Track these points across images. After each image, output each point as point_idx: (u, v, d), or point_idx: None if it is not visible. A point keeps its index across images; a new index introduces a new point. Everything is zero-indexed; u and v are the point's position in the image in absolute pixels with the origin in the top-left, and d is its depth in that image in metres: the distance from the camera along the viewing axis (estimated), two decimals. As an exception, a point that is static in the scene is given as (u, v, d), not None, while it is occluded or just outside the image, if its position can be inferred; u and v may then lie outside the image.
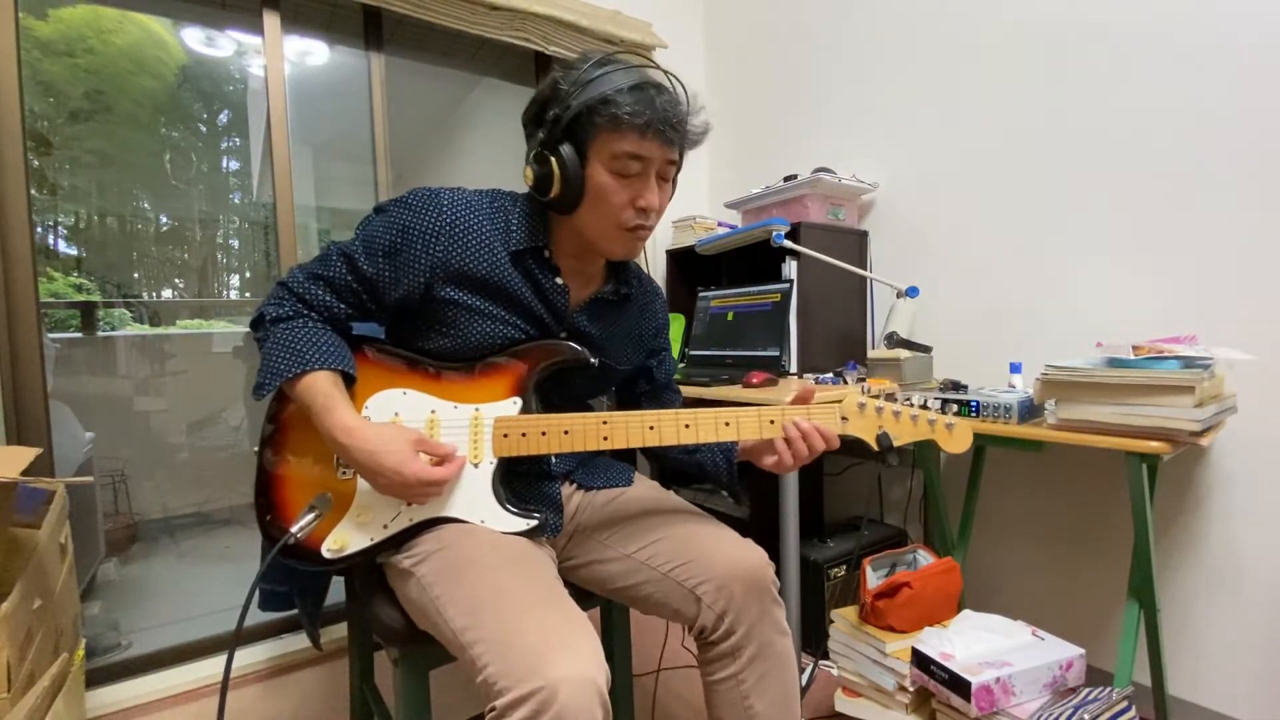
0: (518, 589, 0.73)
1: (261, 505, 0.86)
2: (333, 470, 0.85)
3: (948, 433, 0.88)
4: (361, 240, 0.86)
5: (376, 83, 1.87)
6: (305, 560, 0.83)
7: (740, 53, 2.30)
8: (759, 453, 0.91)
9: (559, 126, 0.80)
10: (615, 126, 0.79)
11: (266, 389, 0.81)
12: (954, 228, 1.69)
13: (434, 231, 0.84)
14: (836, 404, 0.88)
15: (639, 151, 0.81)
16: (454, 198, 0.86)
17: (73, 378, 1.92)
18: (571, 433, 0.85)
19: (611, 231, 0.85)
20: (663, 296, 1.09)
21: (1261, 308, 1.22)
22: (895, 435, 0.87)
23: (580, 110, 0.79)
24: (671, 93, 0.83)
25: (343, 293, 0.86)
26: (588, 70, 0.80)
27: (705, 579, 0.85)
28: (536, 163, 0.83)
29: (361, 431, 0.78)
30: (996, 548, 1.65)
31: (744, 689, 0.85)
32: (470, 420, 0.86)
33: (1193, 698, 1.33)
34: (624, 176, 0.82)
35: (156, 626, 1.73)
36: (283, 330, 0.82)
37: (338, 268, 0.85)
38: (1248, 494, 1.26)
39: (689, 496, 1.56)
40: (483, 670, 0.65)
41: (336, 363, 0.82)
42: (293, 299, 0.85)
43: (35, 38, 1.76)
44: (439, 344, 0.87)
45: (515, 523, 0.85)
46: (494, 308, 0.87)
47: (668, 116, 0.80)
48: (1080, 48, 1.43)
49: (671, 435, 0.85)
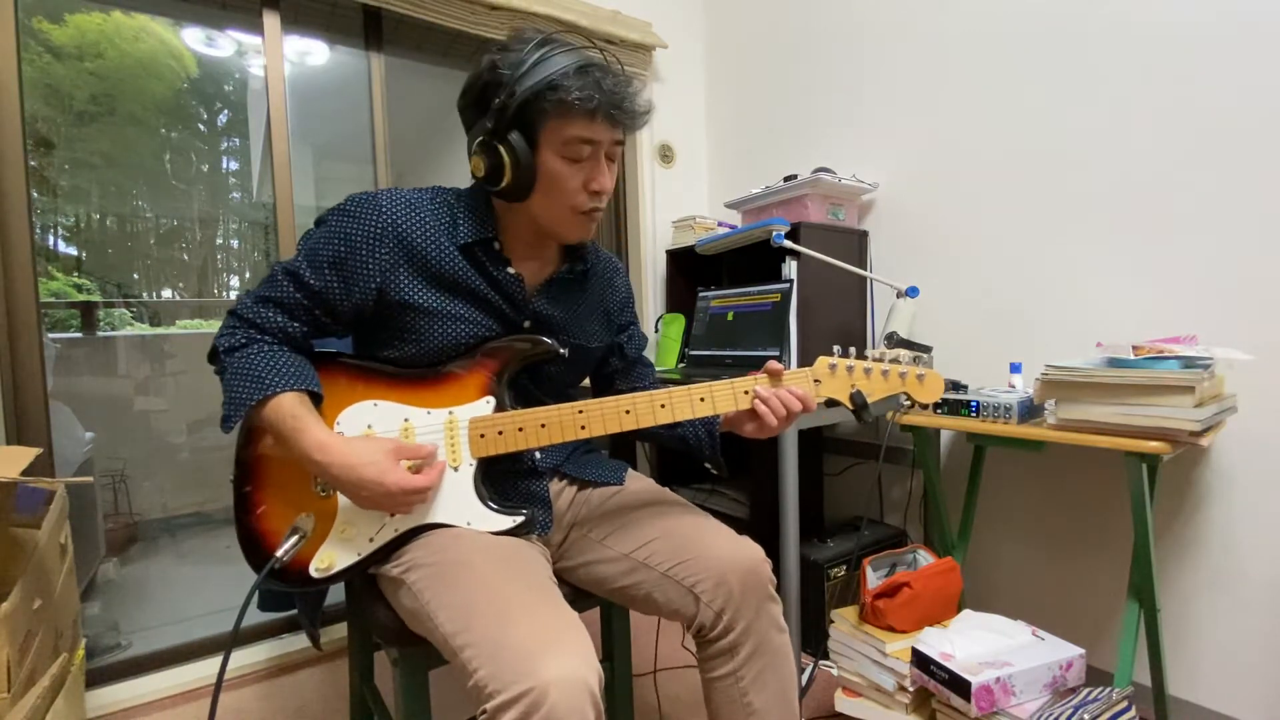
0: (507, 590, 0.73)
1: (243, 535, 0.85)
2: (311, 490, 0.84)
3: (919, 384, 0.89)
4: (305, 255, 0.84)
5: (376, 83, 1.87)
6: (295, 583, 0.83)
7: (740, 53, 2.30)
8: (739, 422, 0.91)
9: (505, 115, 0.79)
10: (565, 111, 0.78)
11: (233, 420, 0.80)
12: (954, 228, 1.69)
13: (378, 234, 0.83)
14: (808, 369, 0.89)
15: (589, 135, 0.80)
16: (393, 198, 0.85)
17: (73, 378, 1.93)
18: (548, 426, 0.84)
19: (566, 215, 0.85)
20: (623, 270, 1.09)
21: (1261, 308, 1.21)
22: (869, 392, 0.89)
23: (527, 96, 0.77)
24: (615, 73, 0.82)
25: (294, 311, 0.85)
26: (527, 53, 0.78)
27: (703, 576, 0.85)
28: (485, 152, 0.82)
29: (337, 447, 0.77)
30: (996, 548, 1.65)
31: (742, 685, 0.85)
32: (445, 424, 0.85)
33: (1193, 698, 1.33)
34: (575, 161, 0.82)
35: (156, 626, 1.74)
36: (238, 359, 0.81)
37: (285, 287, 0.84)
38: (1248, 494, 1.25)
39: (687, 495, 1.56)
40: (474, 673, 0.65)
41: (299, 383, 0.80)
42: (244, 326, 0.84)
43: (48, 41, 1.77)
44: (404, 351, 0.86)
45: (501, 521, 0.85)
46: (451, 306, 0.86)
47: (616, 99, 0.80)
48: (1081, 47, 1.43)
49: (648, 417, 0.85)
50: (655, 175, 2.30)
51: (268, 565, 0.79)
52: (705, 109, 2.44)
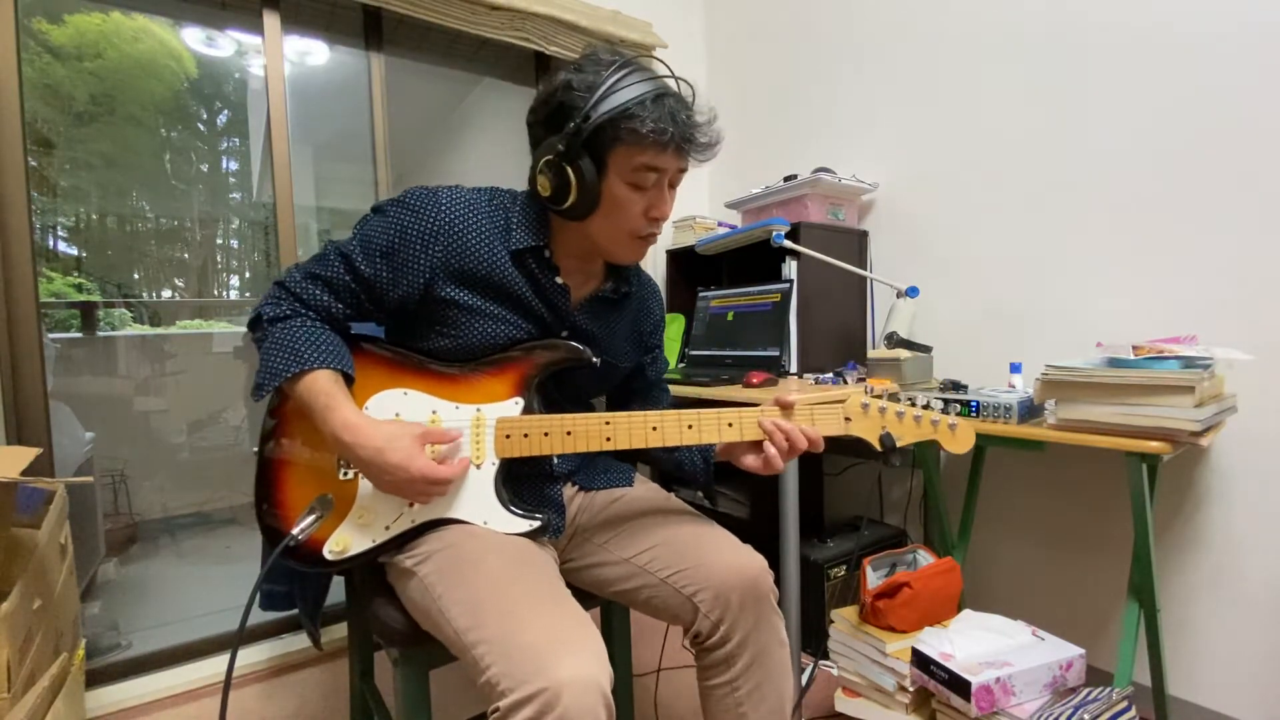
0: (521, 590, 0.73)
1: (262, 507, 0.86)
2: (334, 471, 0.85)
3: (950, 433, 0.88)
4: (359, 240, 0.85)
5: (376, 83, 1.87)
6: (307, 562, 0.83)
7: (740, 53, 2.30)
8: (738, 452, 0.90)
9: (578, 138, 0.78)
10: (637, 141, 0.78)
11: (265, 389, 0.80)
12: (954, 228, 1.69)
13: (432, 231, 0.83)
14: (840, 404, 0.87)
15: (658, 164, 0.81)
16: (453, 196, 0.86)
17: (73, 378, 1.93)
18: (574, 434, 0.84)
19: (623, 239, 0.86)
20: (659, 294, 1.09)
21: (1261, 308, 1.22)
22: (898, 436, 0.87)
23: (601, 122, 0.77)
24: (689, 104, 0.82)
25: (340, 293, 0.85)
26: (604, 76, 0.78)
27: (702, 586, 0.84)
28: (552, 173, 0.81)
29: (365, 429, 0.77)
30: (996, 548, 1.65)
31: (738, 696, 0.85)
32: (472, 421, 0.85)
33: (1193, 698, 1.33)
34: (640, 188, 0.82)
35: (156, 626, 1.73)
36: (280, 330, 0.82)
37: (335, 267, 0.85)
38: (1248, 494, 1.26)
39: (687, 496, 1.56)
40: (486, 671, 0.65)
41: (336, 362, 0.81)
42: (290, 298, 0.85)
43: (47, 42, 1.77)
44: (439, 344, 0.87)
45: (518, 524, 0.85)
46: (494, 307, 0.86)
47: (689, 131, 0.80)
48: (1081, 47, 1.43)
49: (675, 435, 0.84)
50: (655, 175, 2.30)
51: (284, 541, 0.79)
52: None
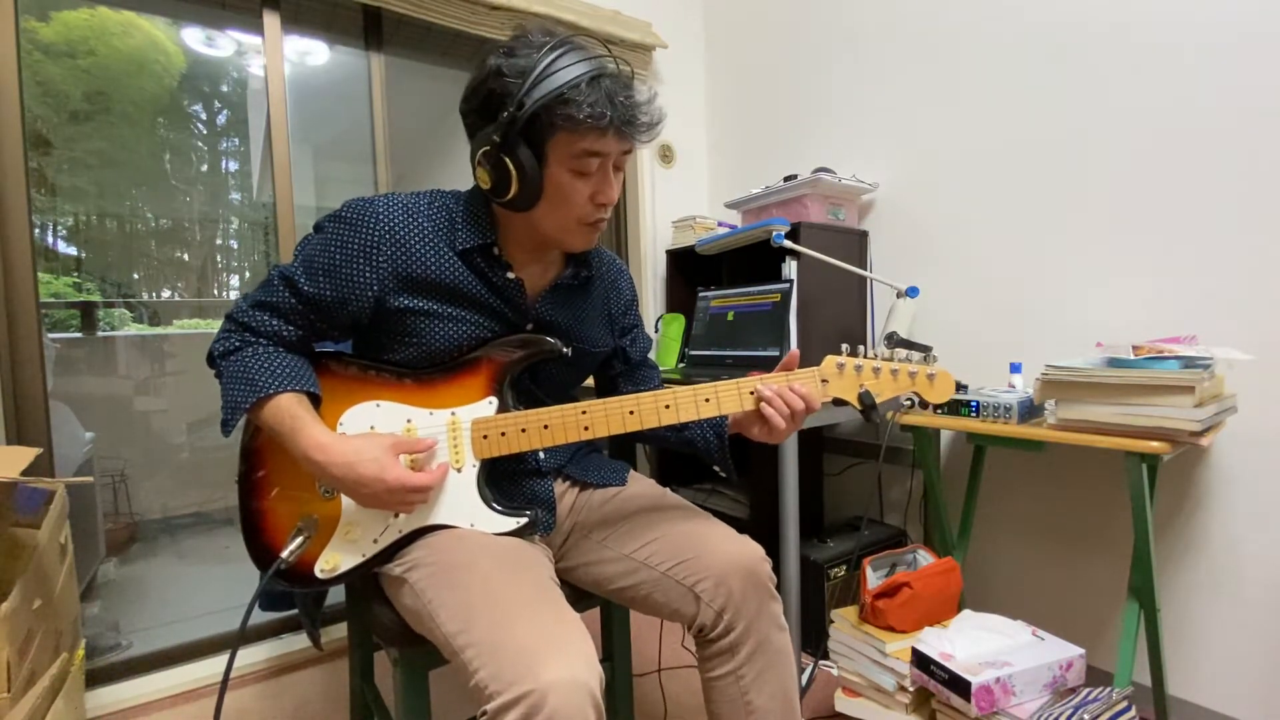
0: (510, 591, 0.73)
1: (249, 536, 0.85)
2: (315, 491, 0.84)
3: (929, 383, 0.88)
4: (302, 261, 0.84)
5: (376, 83, 1.87)
6: (299, 583, 0.83)
7: (740, 53, 2.30)
8: (747, 425, 0.90)
9: (514, 128, 0.76)
10: (575, 126, 0.76)
11: (230, 424, 0.80)
12: (954, 228, 1.69)
13: (373, 243, 0.82)
14: (815, 368, 0.87)
15: (599, 149, 0.79)
16: (390, 204, 0.84)
17: (73, 378, 1.92)
18: (551, 427, 0.84)
19: (571, 226, 0.85)
20: (627, 272, 1.08)
21: (1261, 308, 1.21)
22: (877, 393, 0.87)
23: (536, 110, 0.75)
24: (627, 83, 0.80)
25: (290, 316, 0.84)
26: (535, 60, 0.75)
27: (703, 576, 0.85)
28: (491, 165, 0.79)
29: (334, 447, 0.77)
30: (996, 548, 1.65)
31: (743, 684, 0.85)
32: (448, 425, 0.85)
33: (1193, 698, 1.33)
34: (583, 174, 0.81)
35: (156, 626, 1.73)
36: (234, 362, 0.81)
37: (281, 293, 0.83)
38: (1248, 494, 1.26)
39: (688, 495, 1.56)
40: (475, 674, 0.65)
41: (295, 384, 0.80)
42: (240, 330, 0.84)
43: (37, 40, 1.76)
44: (405, 353, 0.86)
45: (505, 522, 0.85)
46: (451, 309, 0.86)
47: (628, 113, 0.78)
48: (1081, 47, 1.43)
49: (653, 418, 0.84)
50: (655, 175, 2.30)
51: (273, 567, 0.79)
52: (705, 109, 2.44)
